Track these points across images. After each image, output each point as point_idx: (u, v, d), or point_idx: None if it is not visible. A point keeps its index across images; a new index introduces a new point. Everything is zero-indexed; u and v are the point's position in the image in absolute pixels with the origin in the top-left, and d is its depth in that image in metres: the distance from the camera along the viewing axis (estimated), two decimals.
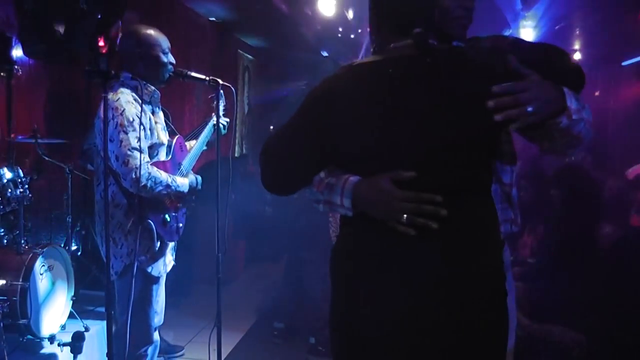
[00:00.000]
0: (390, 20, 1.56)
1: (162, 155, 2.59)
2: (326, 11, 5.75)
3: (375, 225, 1.50)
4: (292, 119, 1.59)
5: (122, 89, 2.45)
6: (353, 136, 1.50)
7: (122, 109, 2.38)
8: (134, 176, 2.34)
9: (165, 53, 2.55)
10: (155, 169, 2.44)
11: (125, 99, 2.41)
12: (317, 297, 4.30)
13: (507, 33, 6.77)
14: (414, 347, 1.48)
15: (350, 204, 1.52)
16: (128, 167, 2.35)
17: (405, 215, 1.44)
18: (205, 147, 2.89)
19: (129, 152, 2.35)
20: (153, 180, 2.40)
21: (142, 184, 2.36)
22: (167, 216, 2.55)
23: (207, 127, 2.84)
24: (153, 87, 2.55)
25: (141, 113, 2.40)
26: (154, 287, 2.58)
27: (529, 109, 1.44)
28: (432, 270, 1.47)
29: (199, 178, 2.73)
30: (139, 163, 2.34)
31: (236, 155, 7.72)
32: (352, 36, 7.36)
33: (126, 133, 2.36)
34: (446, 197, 1.44)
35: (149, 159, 2.45)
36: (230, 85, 2.67)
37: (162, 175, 2.46)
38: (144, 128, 2.44)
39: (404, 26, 1.52)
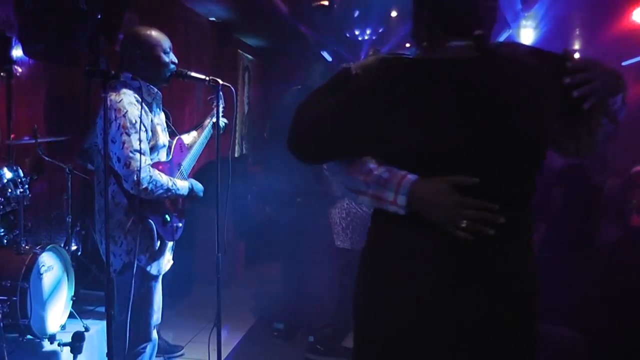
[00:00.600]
0: (447, 20, 1.52)
1: (163, 156, 2.60)
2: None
3: (427, 227, 1.47)
4: (335, 94, 1.53)
5: (124, 90, 2.45)
6: (409, 133, 1.46)
7: (124, 110, 2.38)
8: (135, 178, 2.35)
9: (166, 53, 2.56)
10: (156, 172, 2.45)
11: (128, 100, 2.41)
12: (319, 296, 4.30)
13: (507, 33, 6.79)
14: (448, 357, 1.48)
15: (405, 202, 1.47)
16: (130, 170, 2.35)
17: (464, 222, 1.42)
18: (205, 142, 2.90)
19: (130, 155, 2.35)
20: (154, 183, 2.41)
21: (143, 186, 2.37)
22: (167, 216, 2.56)
23: (207, 128, 2.85)
24: (156, 89, 2.55)
25: (141, 112, 2.40)
26: (153, 285, 2.59)
27: (598, 85, 1.49)
28: (481, 279, 1.47)
29: (200, 186, 2.73)
30: (140, 165, 2.35)
31: (236, 155, 7.72)
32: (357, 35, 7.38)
33: (128, 135, 2.36)
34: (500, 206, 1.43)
35: (150, 162, 2.45)
36: (230, 85, 2.66)
37: (163, 179, 2.47)
38: (146, 129, 2.44)
39: (462, 27, 1.49)
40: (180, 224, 2.67)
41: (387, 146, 1.50)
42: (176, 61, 2.59)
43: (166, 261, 2.66)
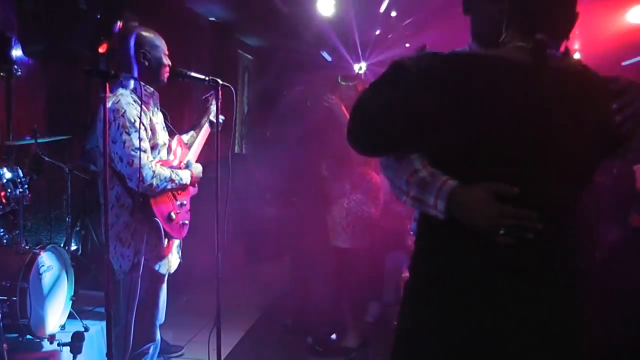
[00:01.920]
0: (519, 20, 1.49)
1: (164, 155, 2.61)
2: (325, 11, 5.77)
3: (471, 233, 1.45)
4: (392, 86, 1.52)
5: (121, 91, 2.46)
6: (458, 127, 1.43)
7: (123, 110, 2.39)
8: (139, 176, 2.36)
9: (165, 54, 2.58)
10: (159, 165, 2.48)
11: (126, 101, 2.42)
12: (315, 296, 4.29)
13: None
14: None
15: (444, 208, 1.45)
16: (133, 168, 2.36)
17: (503, 229, 1.42)
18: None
19: (132, 153, 2.37)
20: (158, 177, 2.44)
21: (148, 182, 2.39)
22: (172, 214, 2.57)
23: (204, 127, 2.87)
24: (152, 89, 2.56)
25: (141, 113, 2.41)
26: (161, 284, 2.61)
27: (636, 108, 1.50)
28: (525, 284, 1.46)
29: (199, 167, 2.75)
30: (142, 163, 2.36)
31: (235, 153, 7.73)
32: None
33: (129, 134, 2.37)
34: (541, 216, 1.42)
35: (152, 159, 2.47)
36: (230, 85, 2.67)
37: (166, 171, 2.50)
38: (145, 128, 2.45)
39: (529, 28, 1.46)
40: (186, 221, 2.69)
41: (438, 139, 1.48)
42: (170, 64, 2.62)
43: (174, 259, 2.68)
